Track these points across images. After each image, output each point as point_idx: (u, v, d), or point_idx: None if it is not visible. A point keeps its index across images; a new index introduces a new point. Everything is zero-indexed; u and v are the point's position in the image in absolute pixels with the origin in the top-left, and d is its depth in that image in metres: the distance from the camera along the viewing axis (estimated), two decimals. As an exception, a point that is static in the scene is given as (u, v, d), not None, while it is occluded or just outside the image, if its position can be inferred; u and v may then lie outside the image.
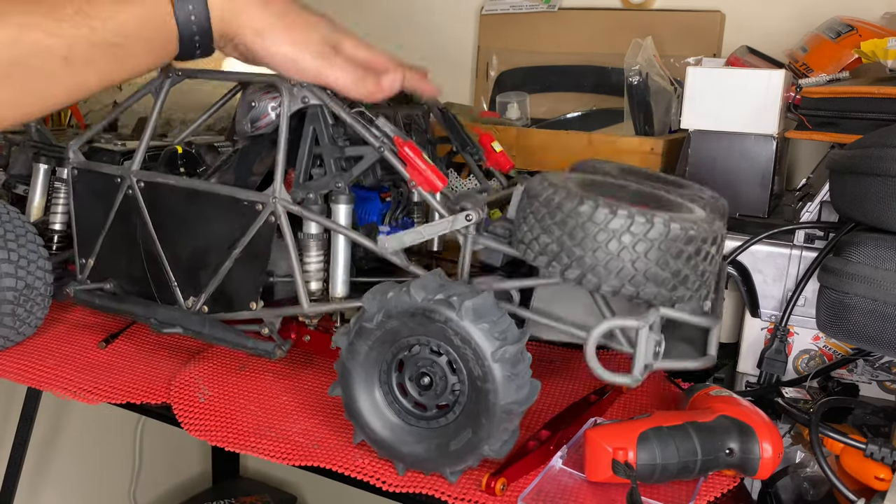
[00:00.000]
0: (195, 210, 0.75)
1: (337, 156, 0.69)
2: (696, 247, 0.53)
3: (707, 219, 0.55)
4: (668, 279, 0.53)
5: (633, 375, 0.54)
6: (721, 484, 0.61)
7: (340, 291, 0.71)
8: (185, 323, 0.76)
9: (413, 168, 0.65)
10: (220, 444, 0.67)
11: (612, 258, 0.52)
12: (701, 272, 0.54)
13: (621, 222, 0.52)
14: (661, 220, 0.52)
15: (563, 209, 0.53)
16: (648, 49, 1.03)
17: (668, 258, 0.52)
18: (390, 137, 0.67)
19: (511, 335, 0.56)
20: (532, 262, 0.56)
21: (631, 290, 0.53)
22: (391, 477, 0.61)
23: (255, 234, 0.71)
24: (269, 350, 0.73)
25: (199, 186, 0.74)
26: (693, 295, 0.54)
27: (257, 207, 0.70)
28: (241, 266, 0.73)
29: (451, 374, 0.58)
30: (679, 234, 0.52)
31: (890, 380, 0.75)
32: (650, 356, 0.54)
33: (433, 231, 0.64)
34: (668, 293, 0.53)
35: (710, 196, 0.69)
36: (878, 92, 0.74)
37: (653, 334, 0.54)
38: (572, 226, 0.53)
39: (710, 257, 0.55)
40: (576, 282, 0.54)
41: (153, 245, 0.77)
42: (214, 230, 0.74)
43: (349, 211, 0.70)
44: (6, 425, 1.34)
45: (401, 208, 0.77)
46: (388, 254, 0.66)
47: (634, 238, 0.52)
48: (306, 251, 0.71)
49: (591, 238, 0.52)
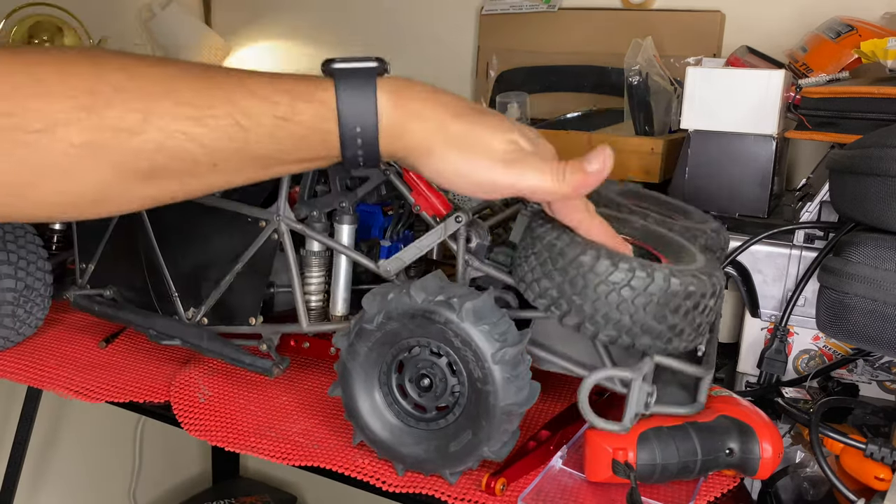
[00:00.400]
0: (198, 223, 0.75)
1: (342, 176, 0.69)
2: (695, 301, 0.54)
3: (707, 270, 0.56)
4: (665, 332, 0.53)
5: (623, 424, 0.55)
6: (721, 484, 0.61)
7: (340, 310, 0.71)
8: (184, 335, 0.76)
9: (418, 193, 0.65)
10: (220, 444, 0.67)
11: (610, 310, 0.52)
12: (697, 325, 0.55)
13: (622, 276, 0.52)
14: (661, 276, 0.52)
15: (564, 256, 0.54)
16: (648, 49, 1.02)
17: (665, 312, 0.53)
18: None
19: (511, 337, 0.56)
20: (532, 302, 0.57)
21: (627, 340, 0.53)
22: (391, 477, 0.61)
23: (258, 250, 0.71)
24: (267, 368, 0.73)
25: (204, 200, 0.74)
26: (688, 346, 0.55)
27: (261, 224, 0.70)
28: (242, 281, 0.73)
29: (451, 376, 0.58)
30: (679, 289, 0.52)
31: (890, 380, 0.75)
32: (641, 406, 0.55)
33: (429, 243, 0.65)
34: (663, 345, 0.54)
35: (712, 230, 0.69)
36: (878, 92, 0.74)
37: (645, 385, 0.55)
38: (573, 275, 0.53)
39: (708, 310, 0.55)
40: (574, 328, 0.54)
41: (155, 255, 0.77)
42: (217, 244, 0.74)
43: (352, 231, 0.70)
44: (6, 425, 1.33)
45: (402, 222, 0.77)
46: (390, 277, 0.67)
47: (634, 292, 0.52)
48: (307, 268, 0.72)
49: (591, 289, 0.52)
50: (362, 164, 0.49)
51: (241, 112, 0.45)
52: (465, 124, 0.50)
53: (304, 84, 0.48)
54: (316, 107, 0.47)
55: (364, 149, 0.48)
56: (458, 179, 0.51)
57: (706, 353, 0.61)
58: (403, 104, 0.49)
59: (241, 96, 0.46)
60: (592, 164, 0.51)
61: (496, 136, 0.51)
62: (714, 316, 0.57)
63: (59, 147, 0.42)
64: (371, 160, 0.49)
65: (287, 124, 0.46)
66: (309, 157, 0.49)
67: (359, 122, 0.48)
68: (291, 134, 0.47)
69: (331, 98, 0.47)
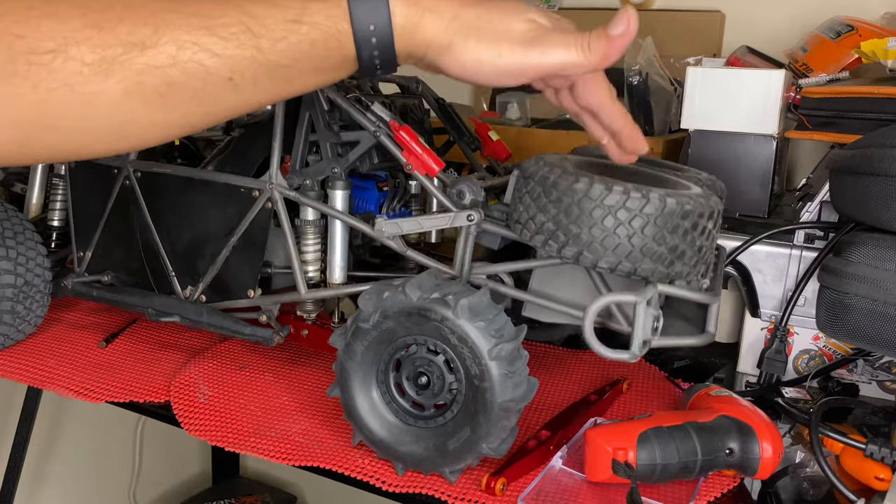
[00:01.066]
0: (192, 199, 0.75)
1: (333, 141, 0.69)
2: (693, 221, 0.53)
3: (703, 194, 0.55)
4: (665, 255, 0.53)
5: (631, 351, 0.54)
6: (721, 484, 0.61)
7: (338, 277, 0.71)
8: (183, 311, 0.76)
9: (409, 152, 0.65)
10: (220, 444, 0.67)
11: (608, 234, 0.52)
12: (698, 247, 0.54)
13: (617, 198, 0.52)
14: (656, 196, 0.52)
15: (558, 187, 0.53)
16: (648, 49, 1.02)
17: (664, 233, 0.52)
18: (386, 122, 0.67)
19: (507, 333, 0.56)
20: (528, 241, 0.56)
21: (628, 266, 0.53)
22: (391, 477, 0.61)
23: (252, 221, 0.71)
24: (267, 337, 0.72)
25: (196, 175, 0.74)
26: (690, 271, 0.54)
27: (254, 194, 0.70)
28: (238, 254, 0.73)
29: (449, 373, 0.58)
30: (675, 208, 0.52)
31: (890, 380, 0.75)
32: (648, 332, 0.54)
33: (432, 224, 0.64)
34: (666, 269, 0.53)
35: (707, 178, 0.69)
36: (878, 92, 0.74)
37: (651, 310, 0.54)
38: (568, 203, 0.53)
39: (707, 232, 0.54)
40: (573, 259, 0.54)
41: (150, 235, 0.77)
42: (211, 218, 0.74)
43: (346, 196, 0.70)
44: (6, 425, 1.33)
45: (398, 198, 0.77)
46: (385, 238, 0.66)
47: (630, 213, 0.51)
48: (303, 238, 0.71)
49: (586, 215, 0.52)
50: (379, 67, 0.49)
51: (251, 18, 0.45)
52: (480, 11, 0.49)
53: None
54: (328, 8, 0.46)
55: (380, 48, 0.48)
56: (483, 68, 0.49)
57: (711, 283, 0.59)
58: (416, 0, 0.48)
59: (251, 4, 0.45)
60: (617, 28, 0.49)
61: (514, 17, 0.50)
62: (713, 241, 0.56)
63: (72, 66, 0.41)
64: (388, 62, 0.49)
65: (300, 27, 0.46)
66: (325, 65, 0.48)
67: (372, 19, 0.47)
68: (305, 37, 0.46)
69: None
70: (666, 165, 0.72)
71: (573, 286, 0.61)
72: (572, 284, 0.61)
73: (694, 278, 0.55)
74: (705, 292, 0.57)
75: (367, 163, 0.71)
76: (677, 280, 0.55)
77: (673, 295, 0.56)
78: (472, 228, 0.63)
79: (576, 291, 0.61)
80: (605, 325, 0.57)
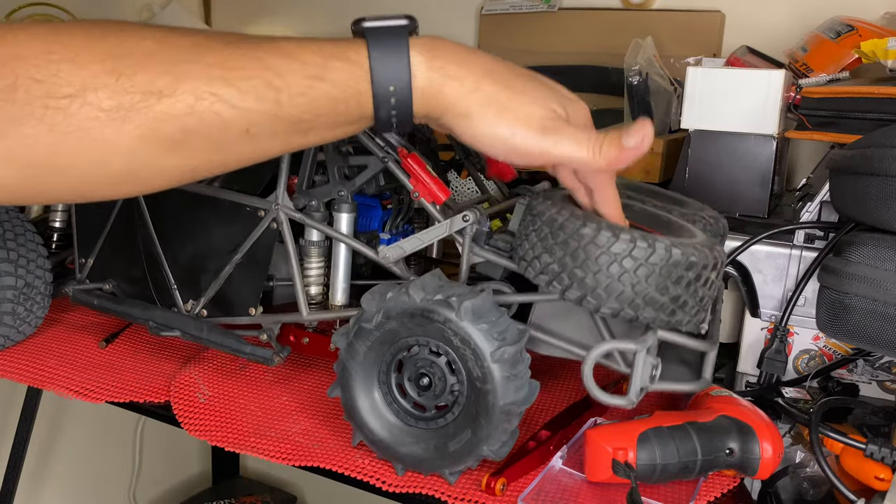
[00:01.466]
0: (197, 214, 0.75)
1: (340, 164, 0.69)
2: (697, 273, 0.53)
3: (708, 243, 0.55)
4: (667, 304, 0.53)
5: (628, 398, 0.54)
6: (721, 484, 0.61)
7: (340, 300, 0.71)
8: (184, 326, 0.76)
9: (417, 180, 0.65)
10: (220, 444, 0.67)
11: (612, 281, 0.52)
12: (700, 297, 0.54)
13: (623, 246, 0.52)
14: (662, 246, 0.52)
15: (565, 230, 0.53)
16: (648, 49, 1.02)
17: (668, 283, 0.52)
18: (395, 148, 0.67)
19: (510, 336, 0.56)
20: (533, 280, 0.56)
21: (630, 313, 0.53)
22: (391, 477, 0.61)
23: (257, 240, 0.71)
24: (267, 357, 0.72)
25: (202, 190, 0.74)
26: (691, 320, 0.55)
27: (259, 213, 0.70)
28: (241, 271, 0.73)
29: (451, 375, 0.58)
30: (680, 259, 0.52)
31: (890, 380, 0.75)
32: (646, 379, 0.54)
33: (432, 236, 0.65)
34: (667, 318, 0.54)
35: (710, 216, 0.69)
36: (878, 92, 0.74)
37: (649, 358, 0.54)
38: (574, 247, 0.53)
39: (710, 283, 0.55)
40: (576, 302, 0.54)
41: (154, 247, 0.77)
42: (216, 234, 0.74)
43: (351, 220, 0.70)
44: (6, 425, 1.33)
45: (402, 216, 0.77)
46: (389, 264, 0.66)
47: (636, 262, 0.52)
48: (307, 258, 0.71)
49: (592, 260, 0.52)
50: (395, 125, 0.49)
51: (272, 72, 0.44)
52: (502, 88, 0.50)
53: (336, 45, 0.47)
54: (349, 66, 0.46)
55: (398, 108, 0.48)
56: (496, 143, 0.50)
57: (710, 330, 0.60)
58: (439, 65, 0.48)
59: (273, 57, 0.45)
60: (631, 139, 0.50)
61: (534, 102, 0.50)
62: (716, 291, 0.56)
63: (89, 112, 0.41)
64: (405, 121, 0.49)
65: (320, 84, 0.46)
66: (343, 120, 0.48)
67: (392, 80, 0.47)
68: (324, 94, 0.46)
69: (363, 58, 0.47)
70: (669, 198, 0.72)
71: (573, 323, 0.62)
72: (572, 321, 0.61)
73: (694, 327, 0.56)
74: (703, 340, 0.58)
75: (373, 185, 0.71)
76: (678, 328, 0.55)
77: (673, 342, 0.56)
78: (471, 227, 0.63)
79: (575, 328, 0.62)
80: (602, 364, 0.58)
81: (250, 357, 0.73)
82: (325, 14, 1.54)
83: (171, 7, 1.50)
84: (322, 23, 1.54)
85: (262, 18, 1.61)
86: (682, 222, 0.62)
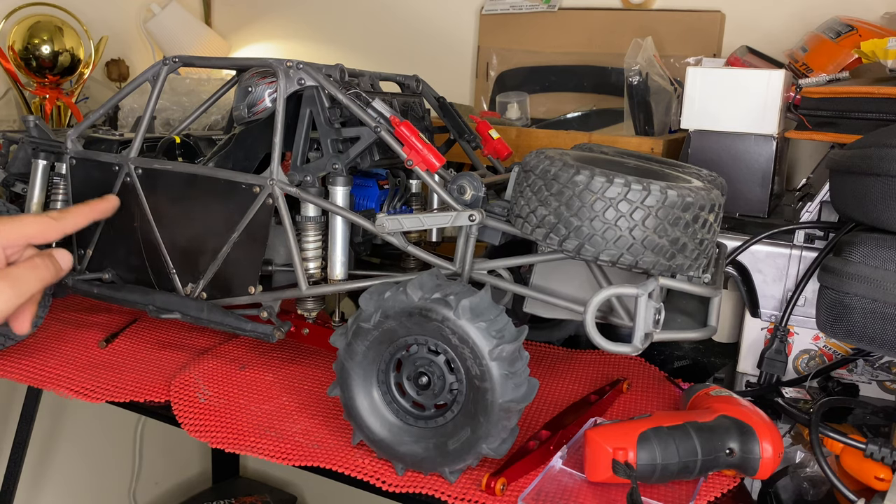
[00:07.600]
0: (193, 195, 0.75)
1: (334, 137, 0.69)
2: (694, 214, 0.53)
3: (704, 187, 0.55)
4: (666, 247, 0.52)
5: (633, 344, 0.53)
6: (721, 484, 0.61)
7: (339, 274, 0.71)
8: (184, 308, 0.76)
9: (410, 147, 0.65)
10: (220, 445, 0.66)
11: (609, 226, 0.52)
12: (699, 240, 0.54)
13: (618, 190, 0.51)
14: (657, 187, 0.52)
15: (559, 179, 0.53)
16: (648, 49, 1.03)
17: (665, 226, 0.52)
18: (386, 118, 0.67)
19: (508, 333, 0.56)
20: (530, 235, 0.56)
21: (629, 258, 0.52)
22: (391, 477, 0.61)
23: (253, 217, 0.71)
24: (268, 332, 0.72)
25: (197, 171, 0.74)
26: (692, 264, 0.54)
27: (255, 190, 0.70)
28: (239, 250, 0.73)
29: (449, 374, 0.58)
30: (676, 200, 0.52)
31: (890, 380, 0.75)
32: (650, 325, 0.54)
33: (433, 222, 0.64)
34: (667, 262, 0.53)
35: (707, 174, 0.69)
36: (878, 92, 0.74)
37: (652, 302, 0.53)
38: (569, 196, 0.53)
39: (708, 225, 0.54)
40: (574, 252, 0.53)
41: (151, 233, 0.77)
42: (212, 215, 0.74)
43: (347, 192, 0.70)
44: (6, 425, 1.34)
45: (399, 196, 0.77)
46: (385, 234, 0.66)
47: (631, 205, 0.51)
48: (304, 234, 0.71)
49: (588, 207, 0.52)
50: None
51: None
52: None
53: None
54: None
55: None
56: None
57: (713, 277, 0.59)
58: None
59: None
60: None
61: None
62: (714, 234, 0.56)
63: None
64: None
65: None
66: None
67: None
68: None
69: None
70: (667, 163, 0.72)
71: (574, 281, 0.61)
72: (573, 280, 0.61)
73: (695, 272, 0.55)
74: (706, 286, 0.57)
75: (367, 159, 0.71)
76: (679, 273, 0.55)
77: (674, 288, 0.55)
78: (473, 228, 0.63)
79: (576, 287, 0.61)
80: (606, 319, 0.57)
81: (251, 334, 0.73)
82: (325, 14, 1.54)
83: (171, 7, 1.50)
84: (321, 23, 1.54)
85: (262, 18, 1.61)
86: (677, 173, 0.61)
